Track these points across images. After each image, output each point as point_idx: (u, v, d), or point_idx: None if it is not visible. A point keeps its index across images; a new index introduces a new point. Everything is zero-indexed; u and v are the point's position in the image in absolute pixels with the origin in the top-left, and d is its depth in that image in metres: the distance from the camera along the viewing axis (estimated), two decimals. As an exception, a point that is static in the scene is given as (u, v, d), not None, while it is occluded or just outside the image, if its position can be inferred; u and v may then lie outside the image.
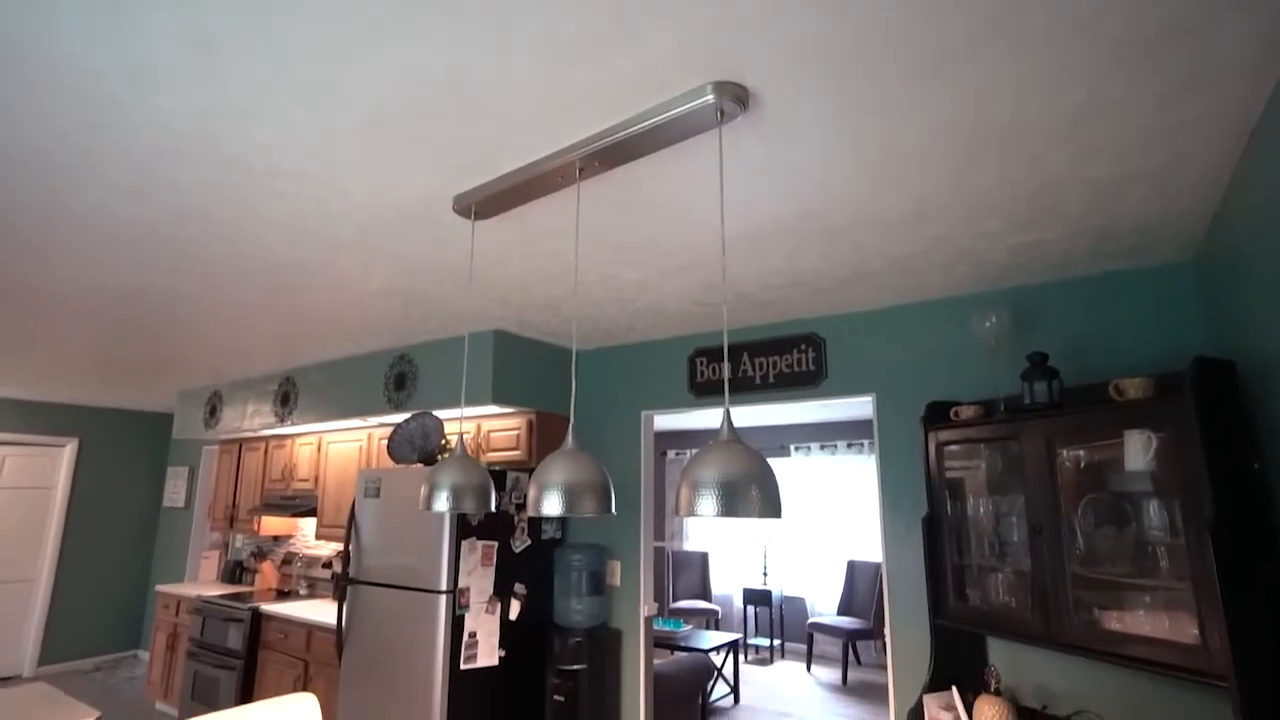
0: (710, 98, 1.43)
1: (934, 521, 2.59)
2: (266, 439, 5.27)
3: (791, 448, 7.32)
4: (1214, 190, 1.92)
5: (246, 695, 4.19)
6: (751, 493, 1.22)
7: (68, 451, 6.54)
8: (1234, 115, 1.54)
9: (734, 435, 1.31)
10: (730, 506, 1.21)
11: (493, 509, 1.77)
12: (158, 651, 5.18)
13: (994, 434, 2.43)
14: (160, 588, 5.40)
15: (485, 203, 1.93)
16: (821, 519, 7.14)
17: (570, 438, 1.57)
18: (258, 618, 4.29)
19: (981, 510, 2.52)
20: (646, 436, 3.72)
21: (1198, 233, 2.20)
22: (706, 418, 6.90)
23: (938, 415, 2.63)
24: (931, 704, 2.39)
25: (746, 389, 3.36)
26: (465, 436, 3.91)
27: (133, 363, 4.51)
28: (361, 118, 1.58)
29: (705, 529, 7.92)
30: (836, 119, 1.57)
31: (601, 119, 1.57)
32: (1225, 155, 1.72)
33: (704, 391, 3.50)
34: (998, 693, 2.28)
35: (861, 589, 6.52)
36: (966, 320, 2.75)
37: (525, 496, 3.50)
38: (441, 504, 1.70)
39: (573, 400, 1.70)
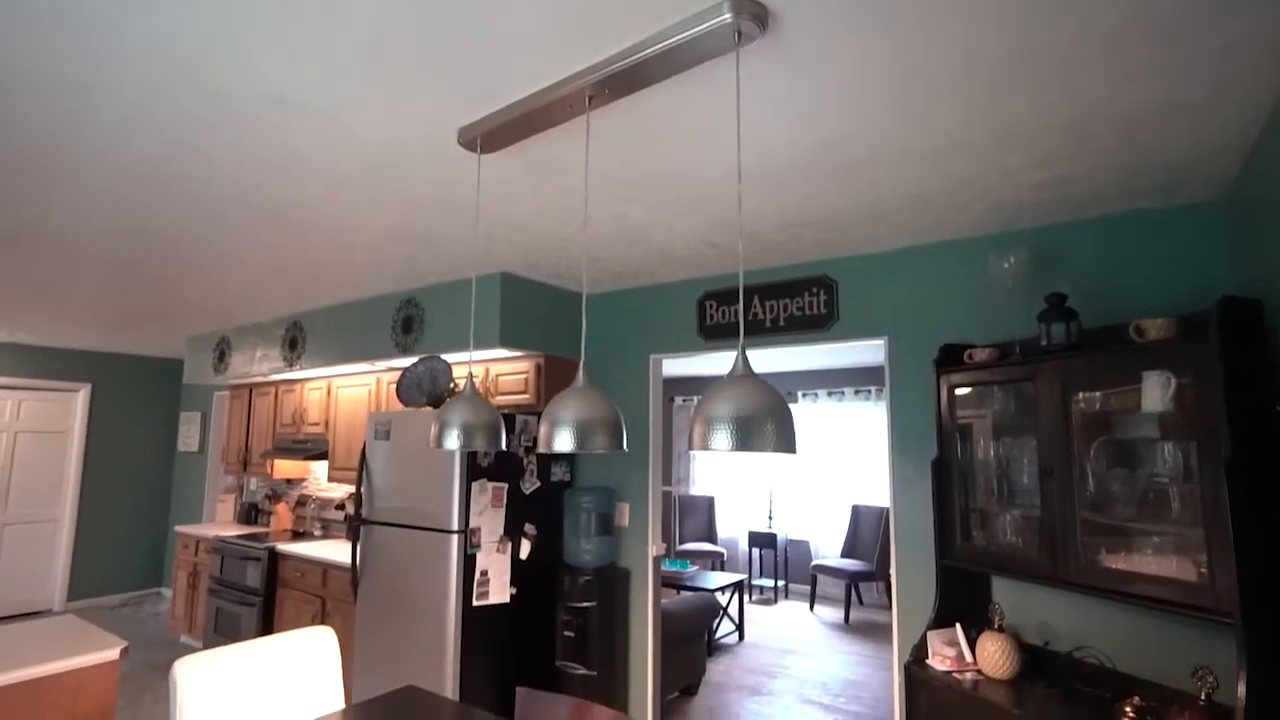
0: (727, 17, 1.35)
1: (943, 464, 2.59)
2: (276, 384, 5.30)
3: (799, 394, 7.32)
4: (1251, 125, 1.84)
5: (267, 630, 4.32)
6: (766, 427, 1.20)
7: (81, 397, 6.62)
8: (1283, 36, 1.45)
9: (748, 370, 1.29)
10: (744, 441, 1.19)
11: (503, 447, 1.76)
12: (180, 588, 5.34)
13: (1008, 376, 2.40)
14: (179, 528, 5.53)
15: (491, 135, 1.86)
16: (827, 465, 7.21)
17: (581, 374, 1.55)
18: (274, 557, 4.40)
19: (992, 453, 2.51)
20: (655, 380, 3.71)
21: (1231, 170, 2.12)
22: (715, 363, 6.91)
23: (951, 358, 2.60)
24: (935, 640, 2.44)
25: (757, 332, 3.32)
26: (474, 379, 3.91)
27: (140, 308, 4.50)
28: (362, 44, 1.51)
29: (712, 474, 8.01)
30: (861, 41, 1.49)
31: (613, 40, 1.50)
32: (1270, 82, 1.63)
33: (713, 335, 3.47)
34: (1001, 629, 2.32)
35: (865, 532, 6.62)
36: (983, 262, 2.69)
37: (535, 438, 3.53)
38: (452, 441, 1.70)
39: (583, 337, 1.67)
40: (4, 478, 6.17)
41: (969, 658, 2.34)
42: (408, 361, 3.85)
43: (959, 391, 2.59)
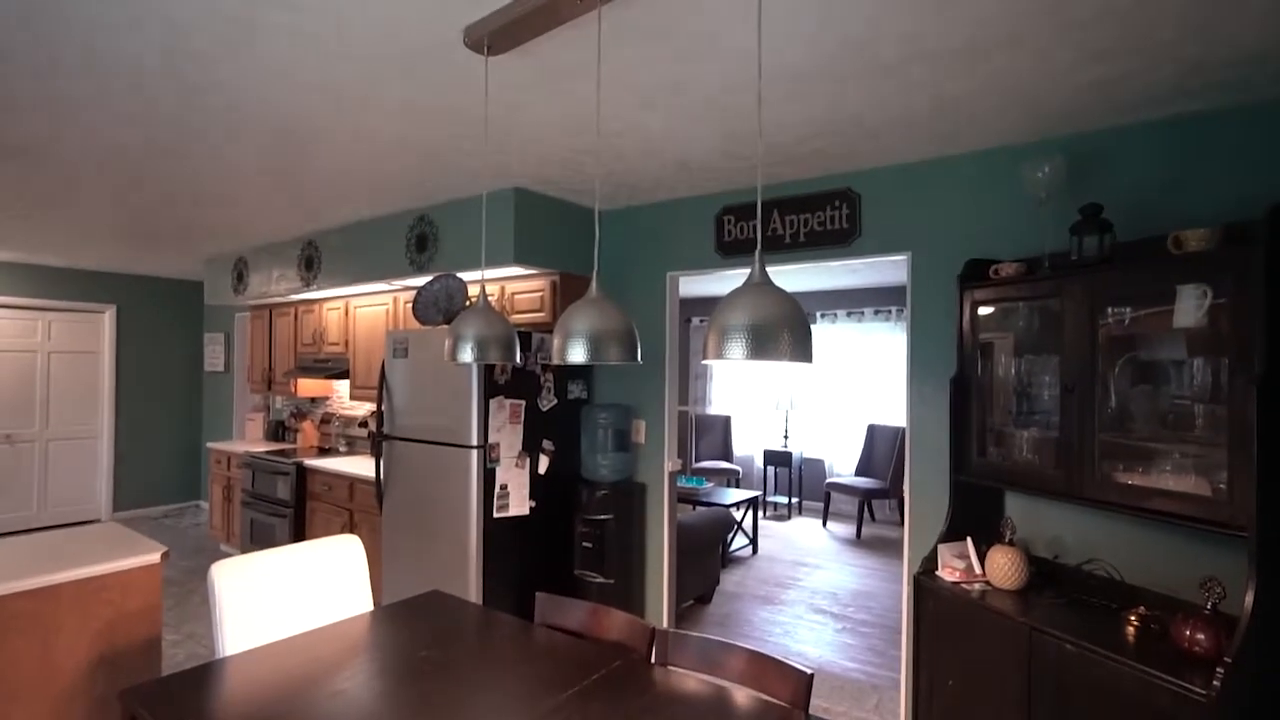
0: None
1: (962, 382, 2.56)
2: (295, 304, 5.34)
3: (819, 314, 7.25)
4: (1325, 8, 1.68)
5: (299, 537, 4.53)
6: (782, 336, 1.17)
7: (107, 318, 6.74)
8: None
9: (765, 279, 1.25)
10: (759, 350, 1.17)
11: (517, 361, 1.76)
12: (216, 501, 5.58)
13: (1034, 292, 2.33)
14: (210, 445, 5.73)
15: (499, 33, 1.76)
16: (845, 385, 7.21)
17: (594, 286, 1.52)
18: (302, 471, 4.55)
19: (1012, 371, 2.47)
20: (671, 299, 3.67)
21: (1294, 64, 1.96)
22: (732, 282, 6.81)
23: (975, 274, 2.53)
24: (945, 553, 2.48)
25: (776, 248, 3.25)
26: (492, 299, 3.89)
27: (157, 227, 4.49)
28: (355, -73, 1.41)
29: (728, 394, 8.06)
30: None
31: (624, -77, 1.38)
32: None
33: (732, 251, 3.40)
34: (1011, 543, 2.35)
35: (880, 451, 6.69)
36: (1015, 173, 2.57)
37: (550, 356, 3.54)
38: (466, 355, 1.70)
39: (595, 246, 1.63)
40: (42, 395, 6.38)
41: (978, 569, 2.38)
42: (423, 280, 3.84)
43: (982, 309, 2.53)
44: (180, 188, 3.49)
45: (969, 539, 2.45)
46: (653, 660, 1.91)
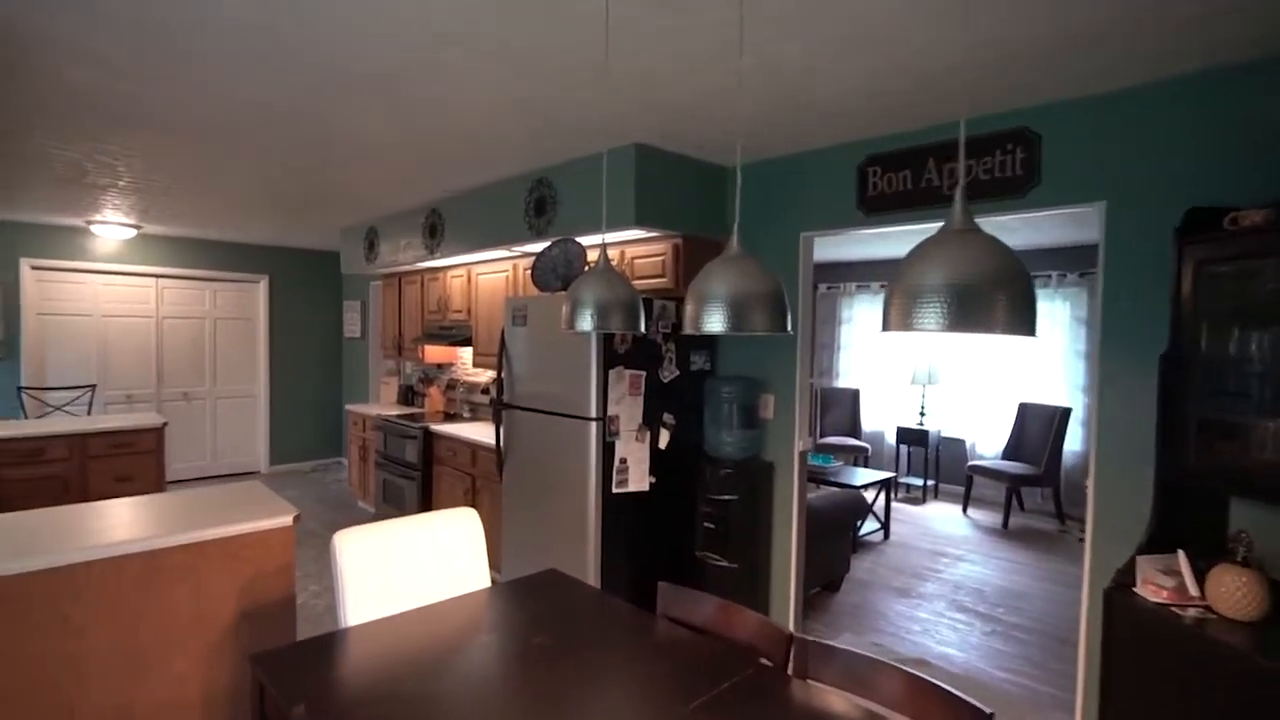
0: None
1: (1177, 360, 2.08)
2: (421, 272, 5.46)
3: (962, 281, 6.54)
4: None
5: (426, 501, 4.67)
6: (996, 300, 0.88)
7: (262, 287, 7.28)
8: None
9: (969, 223, 0.95)
10: (964, 317, 0.88)
11: (641, 330, 1.55)
12: (353, 459, 5.91)
13: (1294, 245, 1.81)
14: (348, 407, 6.06)
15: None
16: (993, 358, 6.51)
17: (735, 242, 1.27)
18: (429, 436, 4.67)
19: (1253, 347, 1.96)
20: (805, 262, 3.33)
21: None
22: (871, 245, 6.28)
23: (1200, 225, 2.02)
24: (1147, 566, 2.05)
25: (930, 201, 2.82)
26: (607, 255, 3.72)
27: (298, 199, 4.69)
28: None
29: (858, 365, 7.54)
30: None
31: None
32: None
33: (877, 207, 3.00)
34: (1245, 563, 1.88)
35: (1033, 433, 5.99)
36: (1247, 98, 2.02)
37: (674, 324, 3.33)
38: (585, 322, 1.51)
39: (738, 199, 1.38)
40: (210, 358, 7.03)
41: (1193, 591, 1.94)
42: (542, 245, 3.73)
43: (1209, 268, 2.02)
44: (303, 155, 3.54)
45: (1181, 553, 2.00)
46: (790, 672, 1.68)
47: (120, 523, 2.27)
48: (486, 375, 5.13)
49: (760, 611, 3.41)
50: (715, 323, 1.19)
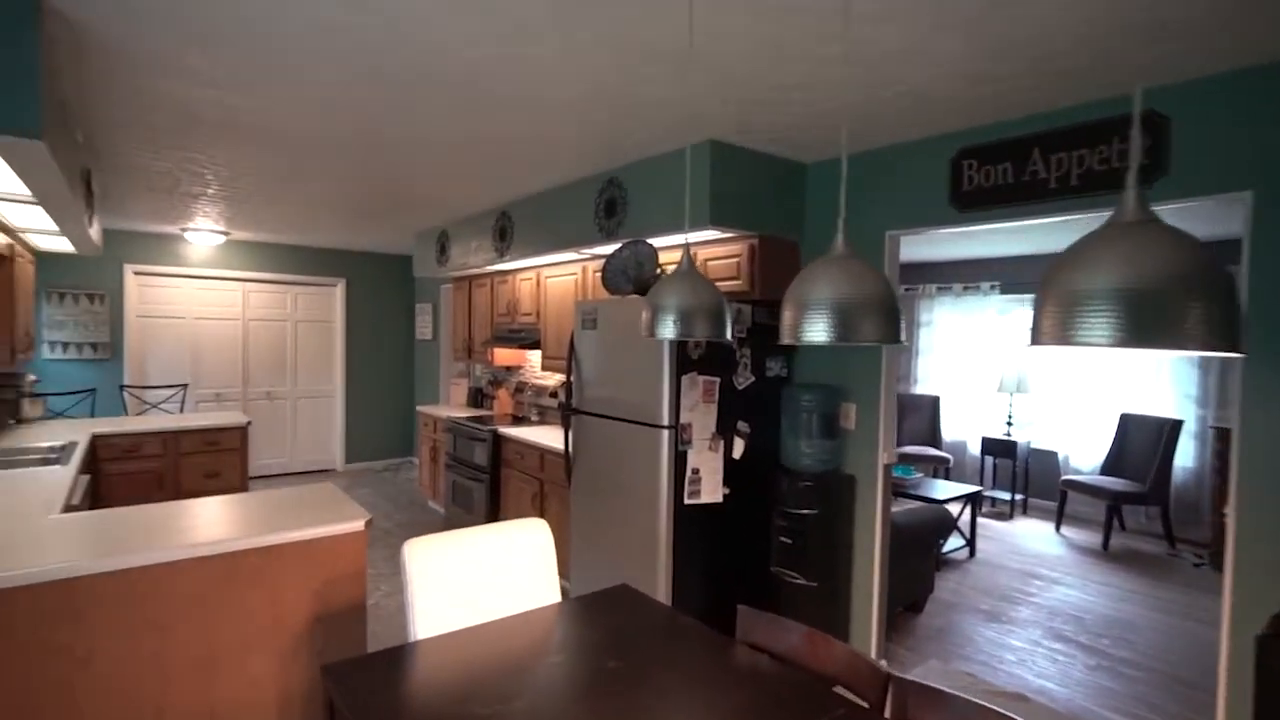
0: None
1: (1344, 371, 1.80)
2: (491, 275, 5.49)
3: (1055, 282, 6.10)
4: None
5: (494, 503, 4.66)
6: (1188, 311, 0.71)
7: (339, 290, 7.52)
8: None
9: (1146, 213, 0.78)
10: (1144, 330, 0.72)
11: (728, 336, 1.43)
12: (424, 460, 6.00)
13: None
14: (419, 408, 6.16)
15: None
16: (1090, 365, 6.04)
17: (840, 241, 1.13)
18: (498, 439, 4.66)
19: None
20: (891, 262, 3.12)
21: None
22: (951, 247, 5.95)
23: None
24: (1307, 608, 1.78)
25: (1034, 196, 2.58)
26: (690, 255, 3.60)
27: (373, 201, 4.77)
28: None
29: (938, 371, 7.16)
30: None
31: None
32: None
33: (972, 203, 2.78)
34: None
35: (1136, 447, 5.52)
36: None
37: (748, 329, 3.18)
38: (667, 329, 1.40)
39: (842, 192, 1.24)
40: (291, 359, 7.31)
41: (1369, 640, 1.66)
42: (612, 248, 3.65)
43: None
44: (392, 159, 3.58)
45: (1351, 595, 1.72)
46: (887, 715, 1.52)
47: (201, 523, 2.31)
48: (554, 378, 5.10)
49: (840, 633, 3.22)
50: (819, 332, 1.06)
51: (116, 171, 3.88)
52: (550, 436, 4.28)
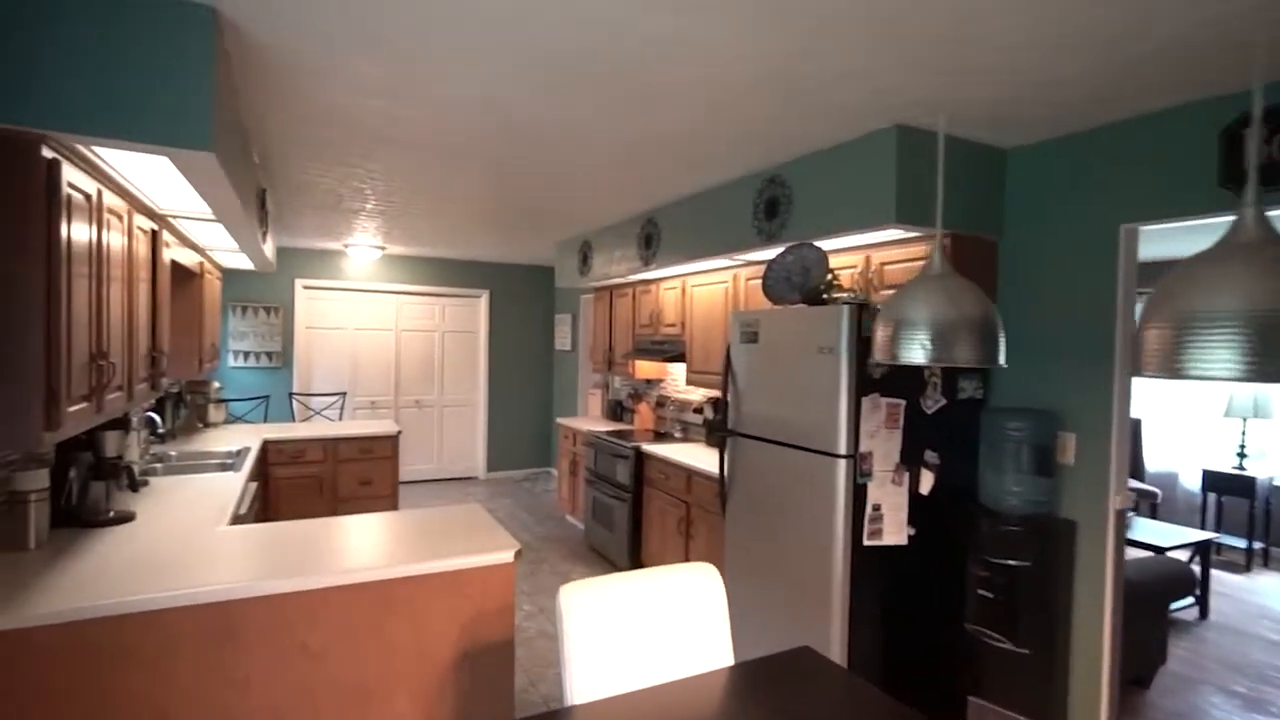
0: None
1: None
2: (633, 285, 5.31)
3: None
4: None
5: (636, 523, 4.44)
6: None
7: (483, 302, 7.70)
8: None
9: None
10: None
11: (1000, 361, 1.05)
12: (563, 473, 5.92)
13: None
14: (559, 420, 6.10)
15: None
16: (1356, 387, 4.88)
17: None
18: (640, 456, 4.44)
19: None
20: (1126, 262, 2.54)
21: None
22: (1160, 245, 5.02)
23: None
24: None
25: (1359, 170, 1.95)
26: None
27: (517, 211, 4.74)
28: None
29: (1142, 390, 6.12)
30: None
31: None
32: None
33: (1260, 180, 2.16)
34: None
35: None
36: None
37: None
38: (915, 353, 1.04)
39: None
40: (439, 368, 7.56)
41: None
42: (771, 253, 3.30)
43: None
44: (542, 162, 3.44)
45: None
46: None
47: (351, 545, 2.23)
48: (699, 393, 4.82)
49: (1056, 711, 2.65)
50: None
51: (287, 189, 4.07)
52: (696, 456, 3.99)
